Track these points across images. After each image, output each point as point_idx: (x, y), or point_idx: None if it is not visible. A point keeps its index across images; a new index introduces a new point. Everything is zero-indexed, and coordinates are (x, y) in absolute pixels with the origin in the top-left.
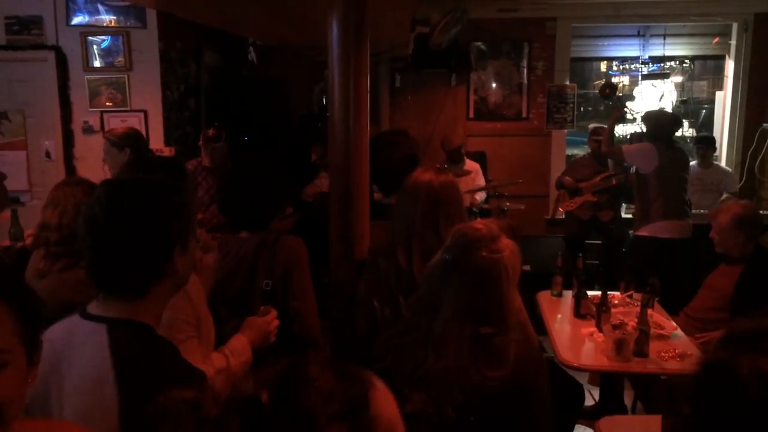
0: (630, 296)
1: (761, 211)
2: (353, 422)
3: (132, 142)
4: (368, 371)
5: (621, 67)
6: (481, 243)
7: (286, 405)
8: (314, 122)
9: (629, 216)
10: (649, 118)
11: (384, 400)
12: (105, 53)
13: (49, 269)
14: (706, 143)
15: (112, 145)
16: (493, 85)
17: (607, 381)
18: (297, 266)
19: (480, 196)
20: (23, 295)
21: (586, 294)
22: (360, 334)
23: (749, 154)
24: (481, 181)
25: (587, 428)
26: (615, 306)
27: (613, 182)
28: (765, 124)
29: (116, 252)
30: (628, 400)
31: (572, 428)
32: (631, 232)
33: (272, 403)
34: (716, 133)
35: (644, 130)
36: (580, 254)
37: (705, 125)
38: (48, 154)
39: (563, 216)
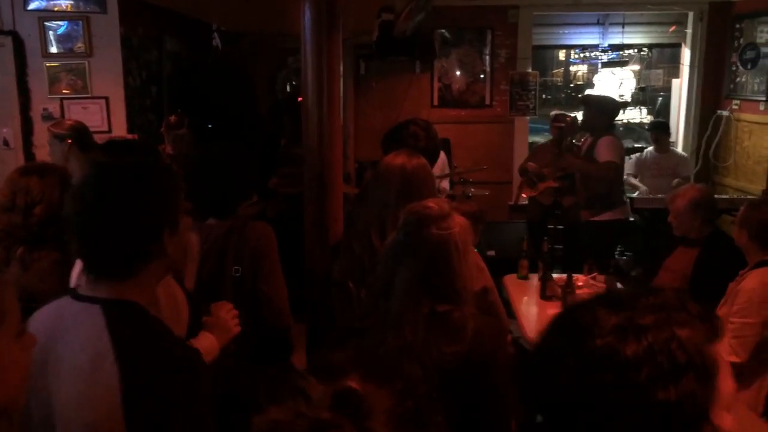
0: (593, 278)
1: (716, 195)
2: (415, 395)
3: (75, 133)
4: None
5: (581, 55)
6: (430, 220)
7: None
8: (283, 113)
9: None
10: (597, 105)
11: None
12: (64, 39)
13: (30, 258)
14: (660, 129)
15: (55, 138)
16: (457, 72)
17: None
18: (266, 251)
19: (445, 183)
20: None
21: (552, 276)
22: (336, 315)
23: (704, 140)
24: (446, 168)
25: None
26: (579, 287)
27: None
28: (719, 111)
29: (104, 234)
30: None
31: None
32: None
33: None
34: (672, 120)
35: (589, 116)
36: (545, 238)
37: (661, 112)
38: (6, 143)
39: (526, 202)
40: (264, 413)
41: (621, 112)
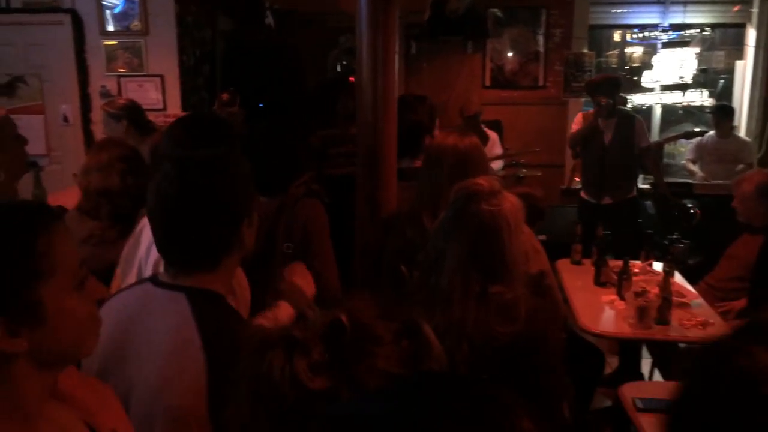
0: (650, 265)
1: None
2: (416, 337)
3: (129, 113)
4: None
5: (640, 35)
6: (479, 196)
7: (359, 326)
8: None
9: (646, 186)
10: (610, 86)
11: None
12: (121, 17)
13: (109, 236)
14: (722, 112)
15: (110, 117)
16: (510, 53)
17: (626, 348)
18: (316, 229)
19: (497, 165)
20: None
21: (607, 262)
22: (385, 291)
23: None
24: (498, 150)
25: (605, 396)
26: (636, 274)
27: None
28: None
29: (190, 229)
30: (644, 368)
31: (592, 394)
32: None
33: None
34: (735, 104)
35: (608, 102)
36: (600, 223)
37: (723, 96)
38: (65, 119)
39: (579, 185)
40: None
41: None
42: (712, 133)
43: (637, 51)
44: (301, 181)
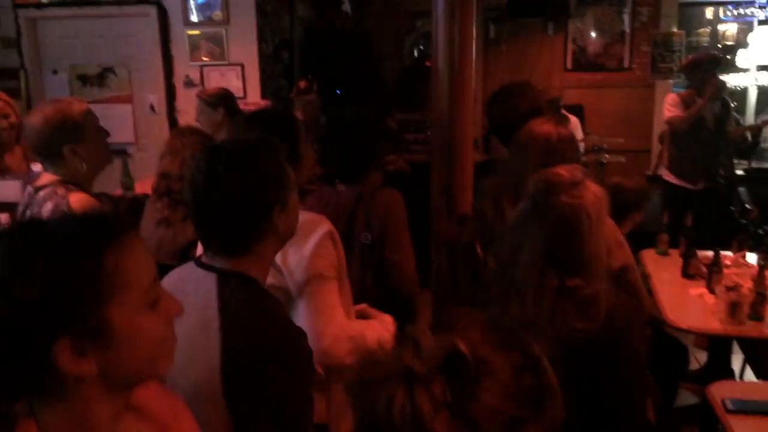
0: (743, 256)
1: None
2: (536, 372)
3: (225, 101)
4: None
5: (734, 11)
6: (560, 188)
7: (479, 359)
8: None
9: (741, 172)
10: (713, 65)
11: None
12: (203, 7)
13: (173, 217)
14: None
15: (206, 105)
16: (593, 33)
17: (716, 344)
18: (394, 219)
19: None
20: None
21: (695, 253)
22: (461, 279)
23: None
24: (580, 135)
25: (690, 393)
26: (727, 267)
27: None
28: None
29: (215, 216)
30: (735, 364)
31: (676, 390)
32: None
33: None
34: None
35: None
36: (689, 211)
37: None
38: (152, 108)
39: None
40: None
41: None
42: None
43: (730, 29)
44: (378, 170)
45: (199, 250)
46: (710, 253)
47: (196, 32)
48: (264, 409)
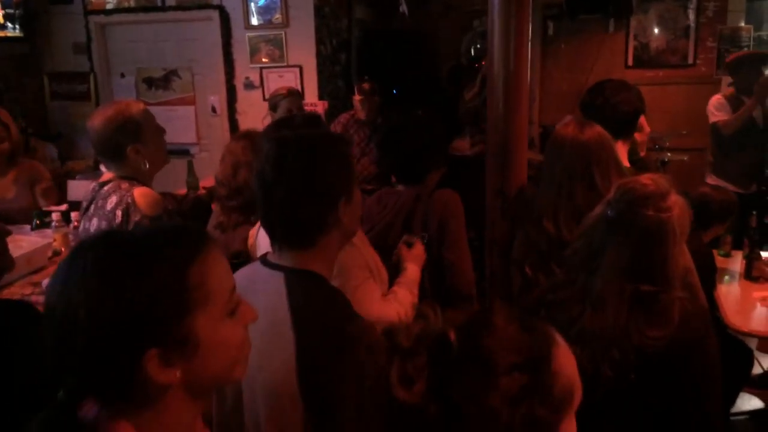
0: None
1: None
2: (533, 374)
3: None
4: (552, 328)
5: None
6: (648, 201)
7: (472, 347)
8: (463, 73)
9: None
10: (761, 62)
11: (566, 358)
12: (263, 11)
13: (227, 223)
14: None
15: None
16: (656, 29)
17: None
18: (452, 219)
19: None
20: None
21: (760, 255)
22: (514, 293)
23: None
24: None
25: (754, 397)
26: None
27: None
28: None
29: (283, 206)
30: None
31: (737, 394)
32: None
33: (459, 343)
34: None
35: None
36: (754, 212)
37: None
38: (213, 109)
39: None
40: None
41: None
42: None
43: None
44: (438, 171)
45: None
46: None
47: (256, 35)
48: (341, 404)
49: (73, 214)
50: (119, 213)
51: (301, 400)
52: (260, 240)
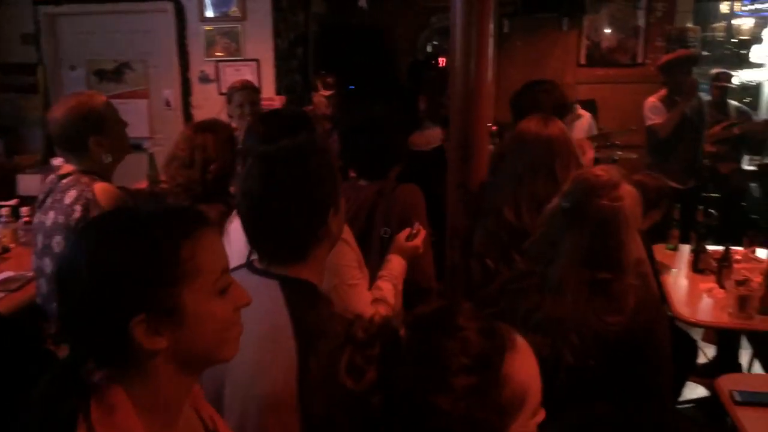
0: (753, 252)
1: None
2: (482, 377)
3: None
4: (515, 332)
5: (750, 6)
6: (601, 190)
7: (425, 345)
8: (424, 70)
9: (752, 168)
10: (690, 63)
11: (522, 363)
12: (219, 3)
13: None
14: None
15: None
16: (608, 29)
17: (725, 338)
18: (414, 214)
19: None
20: None
21: (706, 249)
22: (474, 287)
23: None
24: (593, 130)
25: (699, 386)
26: (737, 262)
27: (735, 132)
28: None
29: (275, 224)
30: (743, 359)
31: (683, 384)
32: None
33: (412, 340)
34: None
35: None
36: (700, 207)
37: None
38: (168, 103)
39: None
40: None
41: None
42: None
43: (746, 23)
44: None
45: None
46: (720, 249)
47: (212, 28)
48: (339, 412)
49: (24, 209)
50: (78, 208)
51: (300, 409)
52: (232, 235)
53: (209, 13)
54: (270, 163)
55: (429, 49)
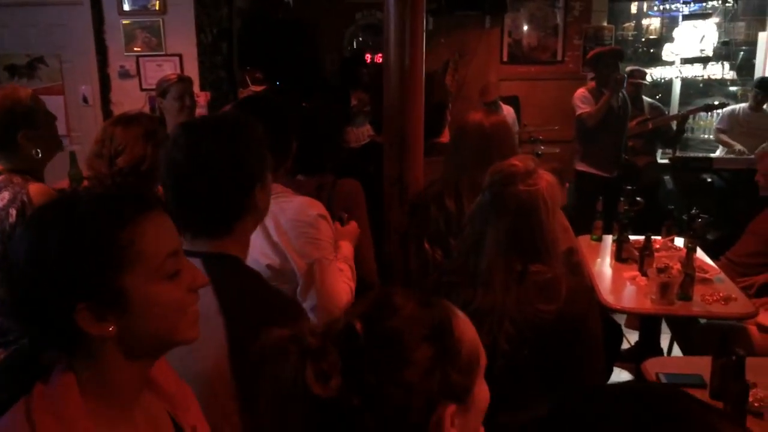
0: (672, 240)
1: None
2: (440, 343)
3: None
4: (446, 300)
5: (661, 6)
6: (516, 177)
7: (378, 331)
8: (356, 66)
9: (665, 161)
10: (615, 57)
11: (465, 324)
12: None
13: None
14: (763, 86)
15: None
16: (528, 27)
17: (647, 324)
18: (355, 208)
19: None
20: None
21: (628, 238)
22: (412, 275)
23: None
24: (515, 126)
25: (623, 370)
26: (657, 250)
27: (649, 126)
28: None
29: (200, 194)
30: (663, 343)
31: (611, 368)
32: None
33: (365, 330)
34: (757, 76)
35: (623, 76)
36: (621, 199)
37: (744, 68)
38: (85, 99)
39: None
40: (274, 330)
41: None
42: (744, 105)
43: (654, 23)
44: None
45: None
46: (642, 238)
47: (130, 22)
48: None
49: None
50: (13, 212)
51: (235, 386)
52: None
53: (127, 6)
54: (195, 135)
55: (354, 45)
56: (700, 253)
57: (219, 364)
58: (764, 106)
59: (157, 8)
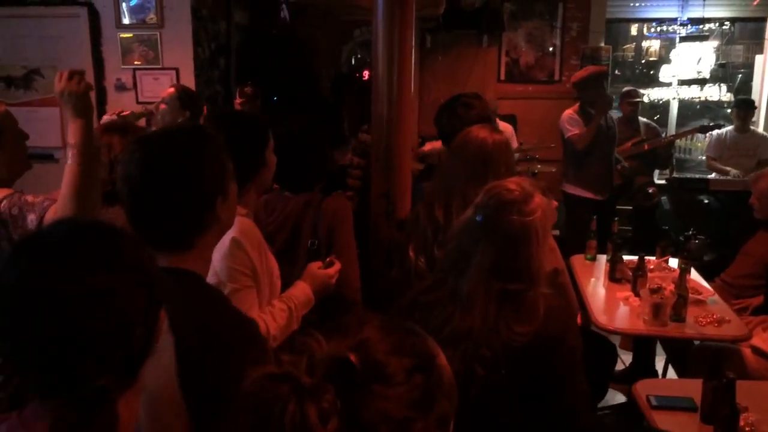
0: (666, 261)
1: None
2: (429, 373)
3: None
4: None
5: (658, 29)
6: (513, 206)
7: (370, 365)
8: (345, 85)
9: (662, 182)
10: (601, 79)
11: (440, 351)
12: (136, 10)
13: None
14: (747, 105)
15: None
16: (525, 46)
17: (640, 345)
18: (341, 226)
19: None
20: None
21: (622, 258)
22: (393, 285)
23: None
24: (514, 144)
25: (617, 392)
26: (651, 271)
27: (645, 147)
28: None
29: (157, 210)
30: (658, 365)
31: (605, 389)
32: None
33: (360, 364)
34: (754, 98)
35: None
36: (615, 219)
37: (741, 90)
38: None
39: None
40: (260, 368)
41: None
42: (730, 128)
43: (654, 45)
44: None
45: None
46: (635, 259)
47: (128, 35)
48: (225, 406)
49: None
50: None
51: (185, 406)
52: None
53: (125, 20)
54: (151, 148)
55: (353, 62)
56: (694, 275)
57: (168, 383)
58: (750, 127)
59: (155, 22)
